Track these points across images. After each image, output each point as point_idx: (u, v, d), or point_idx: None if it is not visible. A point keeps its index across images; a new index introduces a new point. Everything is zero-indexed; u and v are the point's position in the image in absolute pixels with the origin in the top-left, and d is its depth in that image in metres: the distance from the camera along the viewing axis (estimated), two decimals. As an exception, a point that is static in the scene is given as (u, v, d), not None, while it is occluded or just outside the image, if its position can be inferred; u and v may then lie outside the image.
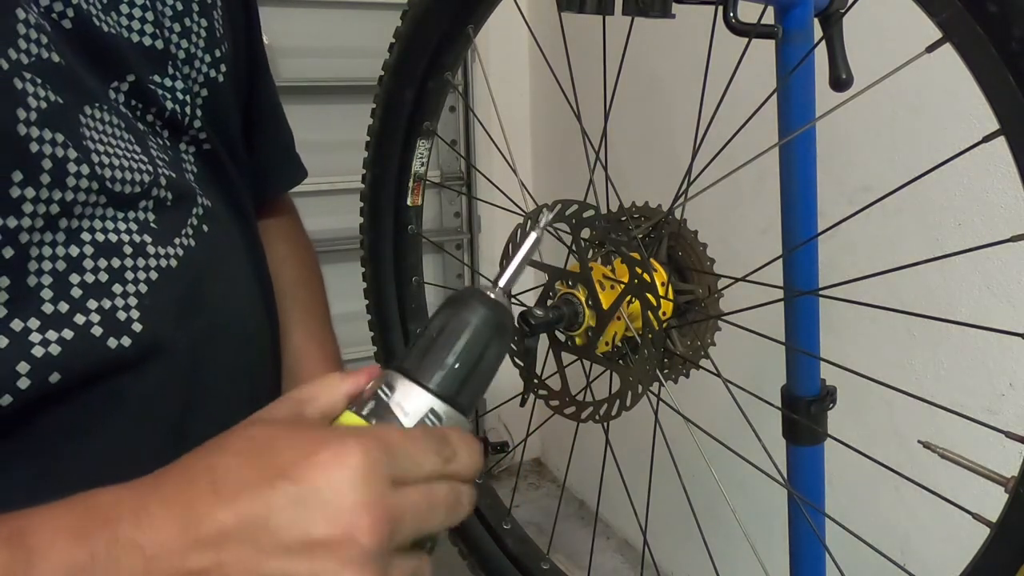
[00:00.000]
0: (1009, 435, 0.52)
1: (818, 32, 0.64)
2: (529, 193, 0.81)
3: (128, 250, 0.53)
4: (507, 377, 0.61)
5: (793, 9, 0.62)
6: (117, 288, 0.52)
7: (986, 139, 0.46)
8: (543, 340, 0.71)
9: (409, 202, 0.89)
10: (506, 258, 0.73)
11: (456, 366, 0.44)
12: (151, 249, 0.55)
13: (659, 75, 1.72)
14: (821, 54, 0.64)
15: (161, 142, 0.59)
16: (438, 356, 0.44)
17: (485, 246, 2.45)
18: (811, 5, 0.62)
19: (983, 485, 0.51)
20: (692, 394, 0.74)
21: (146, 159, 0.55)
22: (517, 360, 0.73)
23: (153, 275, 0.55)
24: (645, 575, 1.98)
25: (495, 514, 0.88)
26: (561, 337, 0.70)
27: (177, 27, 0.61)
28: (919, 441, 0.58)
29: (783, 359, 0.76)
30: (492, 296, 0.47)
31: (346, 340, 0.87)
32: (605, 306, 0.66)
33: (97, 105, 0.53)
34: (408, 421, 0.42)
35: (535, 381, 0.72)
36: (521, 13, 0.81)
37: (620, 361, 0.68)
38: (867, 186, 1.26)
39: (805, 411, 0.74)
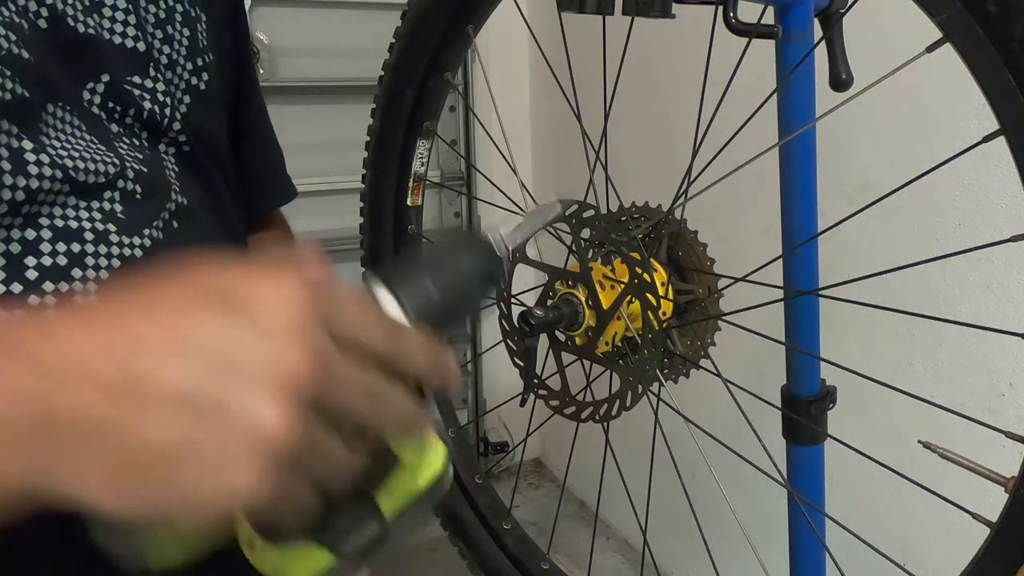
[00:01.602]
0: (1009, 435, 0.52)
1: (818, 32, 0.64)
2: (529, 193, 0.81)
3: (89, 236, 0.54)
4: (507, 377, 0.61)
5: (793, 9, 0.62)
6: (76, 272, 0.53)
7: (986, 139, 0.46)
8: (543, 340, 0.71)
9: (409, 202, 0.89)
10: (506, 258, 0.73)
11: (437, 298, 0.43)
12: (114, 238, 0.56)
13: (659, 75, 1.72)
14: (821, 54, 0.64)
15: (138, 143, 0.60)
16: (423, 283, 0.43)
17: (485, 246, 2.45)
18: (811, 5, 0.62)
19: (983, 485, 0.51)
20: (692, 394, 0.74)
21: (112, 155, 0.56)
22: (517, 360, 0.73)
23: (116, 263, 0.55)
24: (645, 575, 1.98)
25: (495, 514, 0.88)
26: (561, 337, 0.70)
27: (159, 33, 0.62)
28: (919, 441, 0.58)
29: (783, 359, 0.76)
30: (493, 246, 0.47)
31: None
32: (605, 306, 0.66)
33: (60, 104, 0.54)
34: None
35: (535, 381, 0.72)
36: (521, 13, 0.81)
37: (620, 361, 0.68)
38: (867, 186, 1.26)
39: (805, 411, 0.74)
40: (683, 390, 0.71)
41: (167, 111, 0.61)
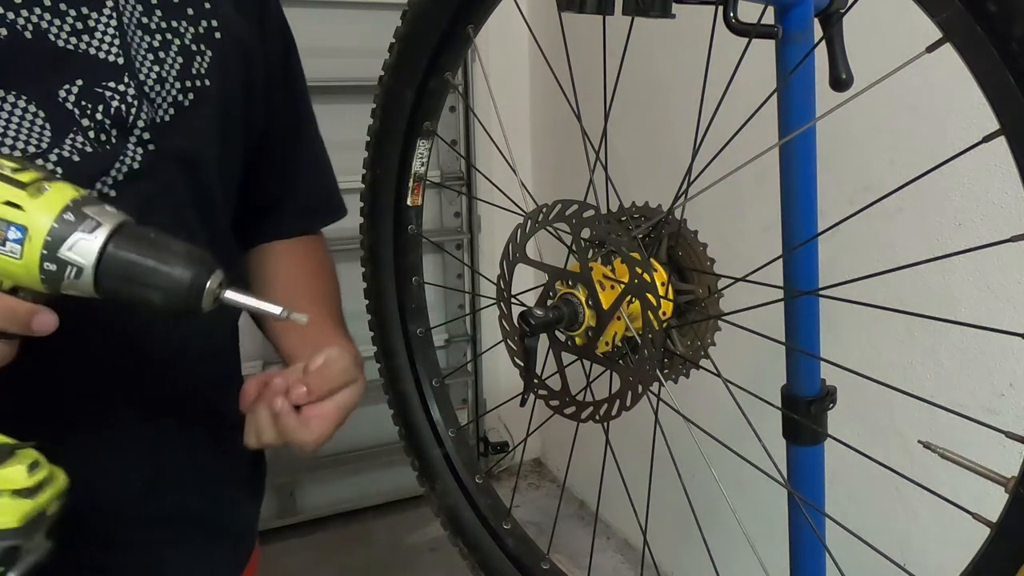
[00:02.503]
0: (1009, 435, 0.52)
1: (818, 32, 0.64)
2: (529, 193, 0.81)
3: None
4: (507, 377, 0.61)
5: (793, 9, 0.62)
6: None
7: (986, 139, 0.46)
8: (543, 340, 0.71)
9: (409, 202, 0.89)
10: (505, 258, 0.73)
11: (134, 267, 0.52)
12: None
13: (659, 75, 1.72)
14: (821, 54, 0.64)
15: (104, 137, 0.72)
16: (139, 252, 0.52)
17: (485, 246, 2.45)
18: (811, 5, 0.62)
19: (983, 485, 0.51)
20: (692, 394, 0.74)
21: (49, 138, 0.69)
22: (517, 360, 0.73)
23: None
24: (645, 575, 1.98)
25: (495, 514, 0.88)
26: (561, 337, 0.70)
27: (151, 56, 0.76)
28: (919, 441, 0.58)
29: (783, 359, 0.76)
30: (210, 287, 0.55)
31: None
32: (605, 306, 0.66)
33: (15, 93, 0.67)
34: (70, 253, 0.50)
35: (535, 381, 0.72)
36: (521, 13, 0.81)
37: (620, 361, 0.68)
38: (867, 186, 1.26)
39: (805, 411, 0.74)
40: (683, 390, 0.71)
41: (133, 110, 0.74)
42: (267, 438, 0.73)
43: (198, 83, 0.80)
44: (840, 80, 0.64)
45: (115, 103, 0.73)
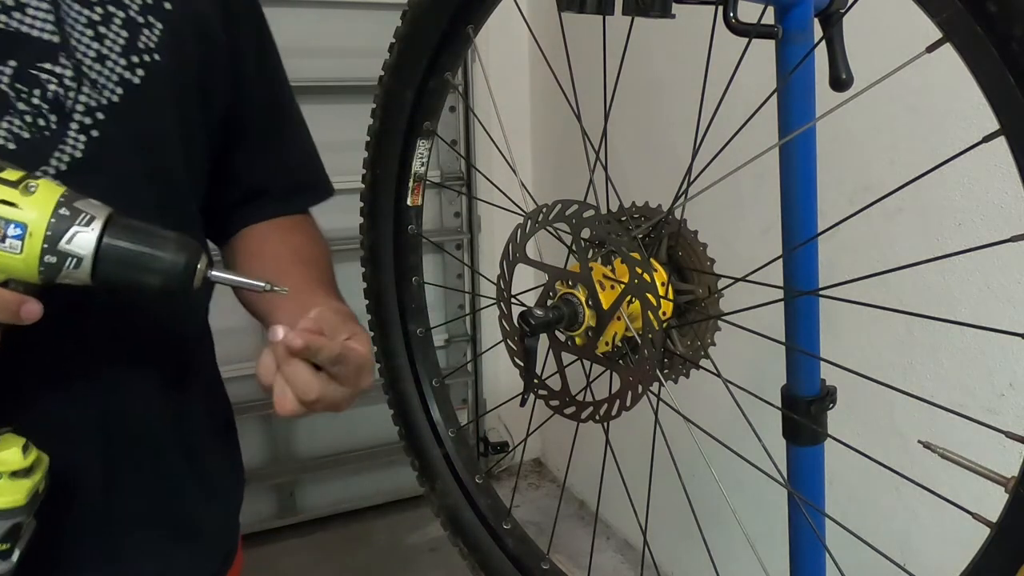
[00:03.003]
0: (1009, 435, 0.52)
1: (818, 32, 0.64)
2: (529, 193, 0.81)
3: None
4: (507, 377, 0.61)
5: (793, 9, 0.62)
6: None
7: (986, 139, 0.46)
8: (543, 340, 0.71)
9: (409, 202, 0.89)
10: (505, 258, 0.73)
11: (132, 255, 0.56)
12: None
13: (659, 75, 1.72)
14: (821, 54, 0.64)
15: (43, 123, 0.69)
16: (133, 242, 0.56)
17: (485, 246, 2.45)
18: (811, 5, 0.62)
19: (983, 485, 0.51)
20: (692, 394, 0.74)
21: None
22: (517, 360, 0.73)
23: None
24: (645, 575, 1.98)
25: (495, 514, 0.88)
26: (561, 337, 0.70)
27: (90, 32, 0.71)
28: (919, 441, 0.58)
29: (783, 359, 0.76)
30: (200, 268, 0.59)
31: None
32: (605, 306, 0.66)
33: None
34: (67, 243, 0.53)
35: (535, 381, 0.72)
36: (521, 13, 0.81)
37: (620, 361, 0.68)
38: (867, 186, 1.26)
39: (805, 411, 0.74)
40: (683, 390, 0.71)
41: (71, 93, 0.70)
42: (288, 398, 0.67)
43: (147, 58, 0.74)
44: (840, 80, 0.64)
45: (52, 86, 0.69)
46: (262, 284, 0.63)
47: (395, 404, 0.93)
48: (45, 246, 0.52)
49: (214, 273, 0.61)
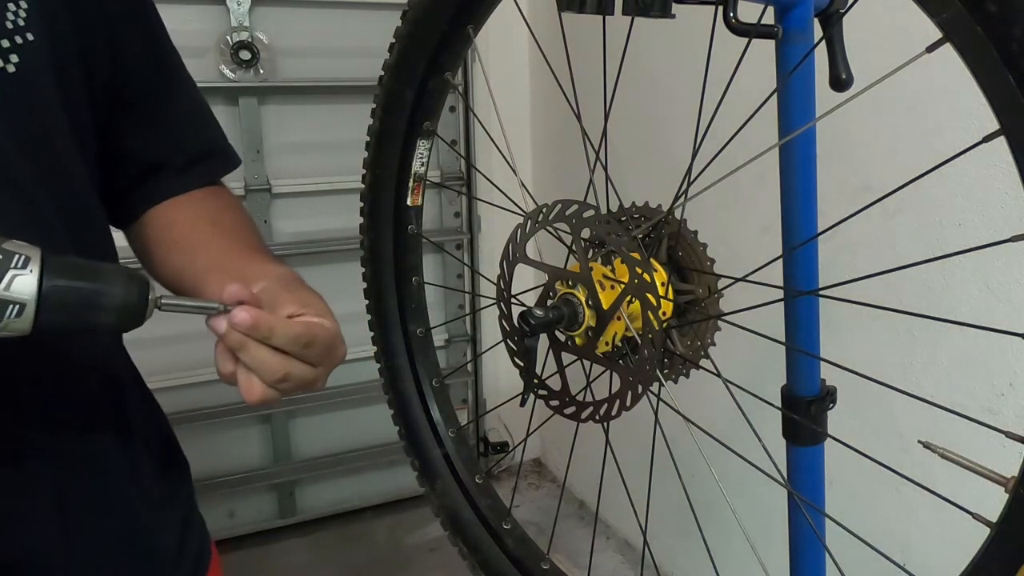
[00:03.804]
0: (1009, 435, 0.52)
1: (818, 32, 0.64)
2: (529, 193, 0.81)
3: None
4: (507, 377, 0.61)
5: (793, 9, 0.62)
6: None
7: (986, 139, 0.46)
8: (543, 340, 0.71)
9: (409, 202, 0.89)
10: (505, 258, 0.73)
11: (79, 295, 0.51)
12: None
13: (659, 75, 1.72)
14: (821, 54, 0.64)
15: None
16: (76, 279, 0.51)
17: (485, 246, 2.45)
18: (811, 5, 0.62)
19: (983, 485, 0.51)
20: (692, 394, 0.74)
21: None
22: (517, 360, 0.73)
23: None
24: (645, 575, 1.98)
25: (495, 514, 0.88)
26: (561, 337, 0.70)
27: None
28: (919, 441, 0.58)
29: (783, 359, 0.76)
30: (151, 298, 0.55)
31: (347, 340, 0.87)
32: (605, 306, 0.66)
33: None
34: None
35: (535, 381, 0.72)
36: (521, 13, 0.81)
37: (620, 361, 0.68)
38: (867, 186, 1.26)
39: (805, 411, 0.74)
40: (683, 390, 0.71)
41: None
42: (255, 383, 0.61)
43: (18, 39, 0.65)
44: (840, 80, 0.64)
45: None
46: (216, 305, 0.58)
47: (395, 404, 0.93)
48: None
49: (166, 302, 0.57)
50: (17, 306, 0.48)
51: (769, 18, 0.63)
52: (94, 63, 0.72)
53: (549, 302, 0.69)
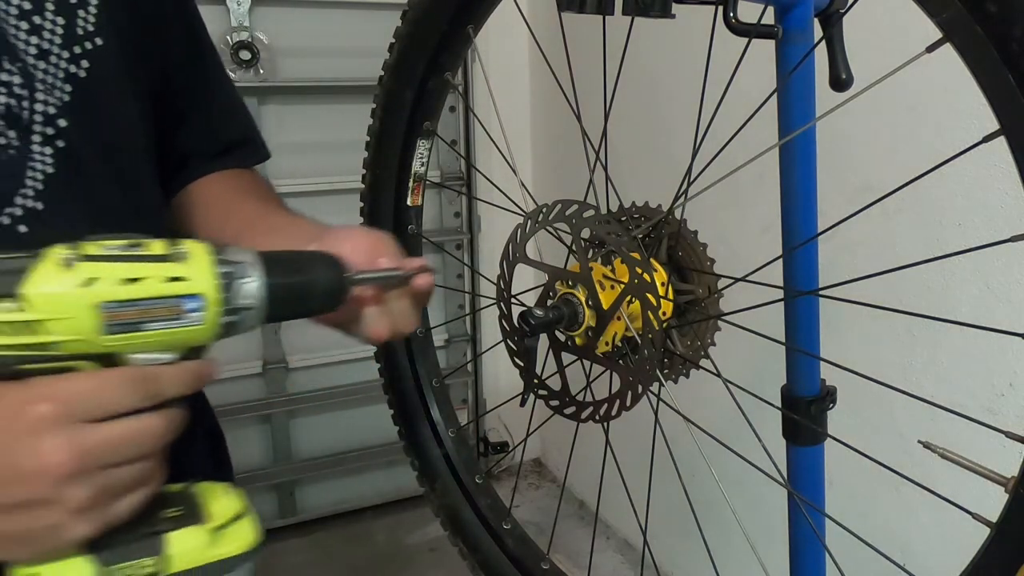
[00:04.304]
0: (1009, 435, 0.52)
1: (818, 32, 0.64)
2: (529, 193, 0.81)
3: None
4: (507, 377, 0.61)
5: (793, 9, 0.62)
6: None
7: (986, 139, 0.46)
8: (543, 340, 0.71)
9: (409, 202, 0.89)
10: (505, 258, 0.73)
11: (294, 288, 0.55)
12: None
13: (659, 75, 1.72)
14: (821, 54, 0.64)
15: (4, 141, 0.61)
16: (290, 275, 0.55)
17: (485, 246, 2.45)
18: (811, 5, 0.62)
19: (983, 485, 0.51)
20: (692, 394, 0.74)
21: None
22: (517, 360, 0.73)
23: None
24: (645, 575, 1.98)
25: (495, 514, 0.88)
26: (561, 337, 0.70)
27: (24, 24, 0.62)
28: (919, 441, 0.58)
29: (783, 359, 0.76)
30: (344, 278, 0.58)
31: (347, 340, 0.87)
32: (605, 306, 0.66)
33: None
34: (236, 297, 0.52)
35: (535, 381, 0.72)
36: (521, 13, 0.81)
37: (620, 361, 0.68)
38: (867, 186, 1.26)
39: (805, 411, 0.74)
40: (683, 390, 0.71)
41: (25, 103, 0.61)
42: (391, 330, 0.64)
43: (88, 45, 0.66)
44: (840, 80, 0.64)
45: (1, 98, 0.60)
46: (398, 272, 0.60)
47: (395, 404, 0.93)
48: (224, 308, 0.51)
49: (359, 276, 0.59)
50: (250, 310, 0.52)
51: (769, 18, 0.63)
52: (150, 61, 0.73)
53: (549, 302, 0.69)
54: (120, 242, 0.49)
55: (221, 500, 0.55)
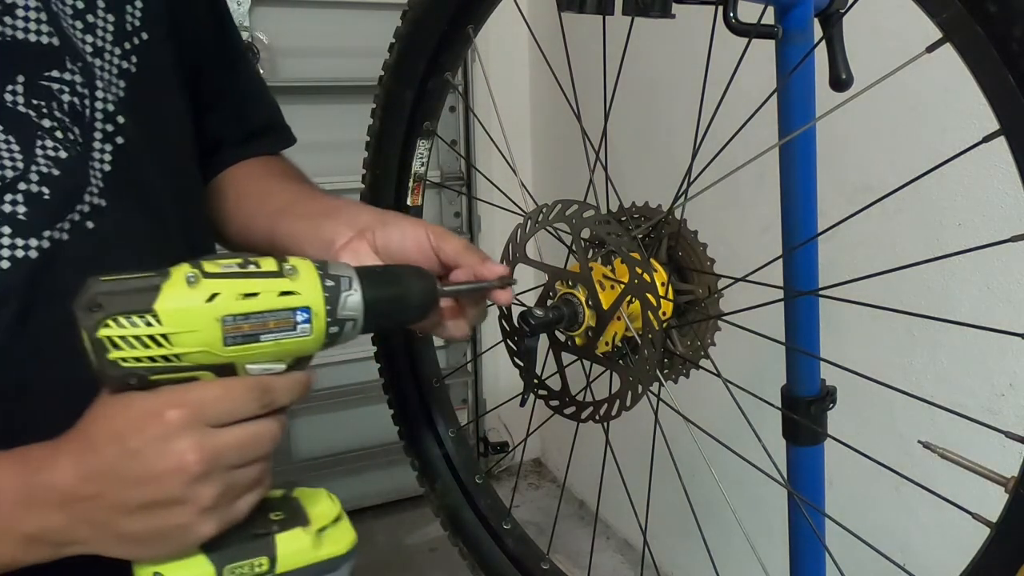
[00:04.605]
0: (1009, 435, 0.52)
1: (818, 32, 0.64)
2: (529, 193, 0.81)
3: None
4: (507, 377, 0.62)
5: (793, 9, 0.62)
6: None
7: (986, 139, 0.46)
8: (543, 340, 0.71)
9: (409, 202, 0.89)
10: (505, 258, 0.73)
11: (391, 300, 0.58)
12: (7, 240, 0.59)
13: (659, 75, 1.72)
14: (821, 54, 0.64)
15: (72, 137, 0.62)
16: (386, 288, 0.57)
17: (485, 246, 2.45)
18: (811, 5, 0.62)
19: (983, 486, 0.51)
20: (691, 394, 0.74)
21: (22, 156, 0.59)
22: (517, 360, 0.73)
23: (5, 264, 0.59)
24: (645, 575, 1.98)
25: (495, 514, 0.88)
26: (561, 337, 0.70)
27: (80, 24, 0.64)
28: (919, 441, 0.58)
29: (783, 360, 0.76)
30: (435, 290, 0.61)
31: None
32: (605, 306, 0.66)
33: None
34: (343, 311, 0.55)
35: (535, 381, 0.72)
36: (521, 13, 0.81)
37: (620, 361, 0.68)
38: (867, 186, 1.26)
39: (805, 411, 0.74)
40: (682, 390, 0.71)
41: (87, 101, 0.63)
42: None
43: (136, 40, 0.67)
44: (840, 80, 0.64)
45: (65, 96, 0.62)
46: (485, 284, 0.63)
47: (395, 404, 0.93)
48: (329, 320, 0.54)
49: (448, 289, 0.62)
50: (352, 322, 0.55)
51: (769, 18, 0.63)
52: (186, 50, 0.75)
53: (549, 302, 0.69)
54: (233, 260, 0.53)
55: (320, 503, 0.57)
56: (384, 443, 2.39)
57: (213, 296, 0.50)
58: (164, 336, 0.49)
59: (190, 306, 0.49)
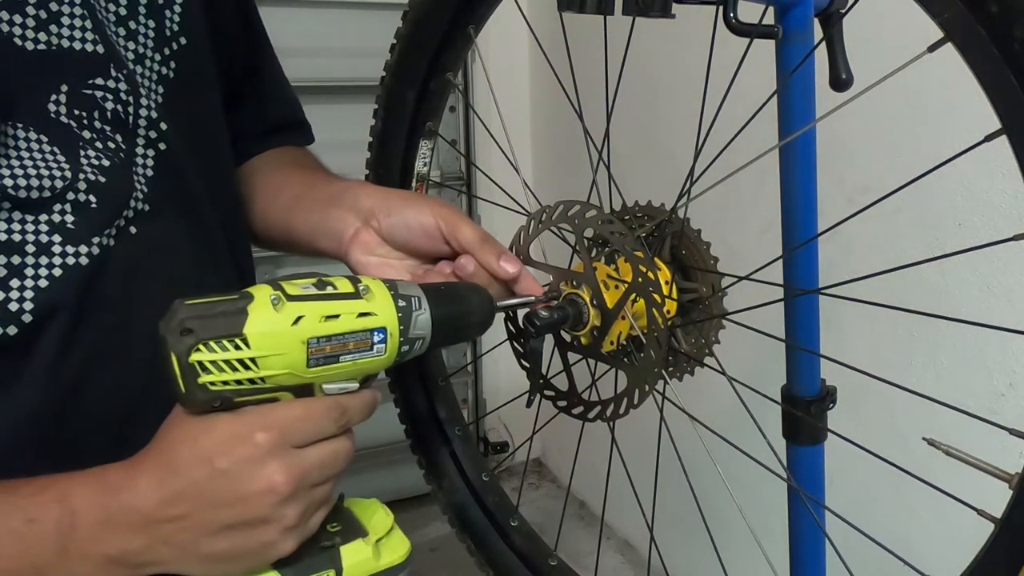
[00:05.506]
0: (1013, 432, 0.52)
1: (818, 32, 0.64)
2: (532, 193, 0.81)
3: (31, 248, 0.58)
4: (507, 377, 0.62)
5: (793, 9, 0.62)
6: (15, 283, 0.57)
7: (987, 139, 0.46)
8: (548, 340, 0.71)
9: (412, 202, 0.89)
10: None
11: (455, 319, 0.59)
12: (58, 248, 0.59)
13: (660, 75, 1.72)
14: (821, 54, 0.64)
15: (113, 146, 0.62)
16: (451, 307, 0.59)
17: (485, 246, 2.45)
18: (811, 5, 0.63)
19: (986, 483, 0.51)
20: (692, 393, 0.74)
21: (68, 165, 0.59)
22: (523, 362, 0.73)
23: (57, 272, 0.59)
24: (649, 574, 1.99)
25: (502, 511, 0.88)
26: (566, 337, 0.70)
27: (122, 31, 0.64)
28: (924, 438, 0.58)
29: (783, 360, 0.76)
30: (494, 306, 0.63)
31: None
32: (610, 305, 0.66)
33: (16, 123, 0.57)
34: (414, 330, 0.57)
35: (541, 381, 0.72)
36: (522, 13, 0.81)
37: (625, 360, 0.68)
38: (867, 186, 1.27)
39: (805, 411, 0.74)
40: (682, 389, 0.71)
41: (130, 108, 0.64)
42: None
43: (175, 45, 0.68)
44: (840, 80, 0.64)
45: (108, 104, 0.62)
46: (534, 298, 0.66)
47: (401, 403, 0.93)
48: (401, 339, 0.55)
49: (503, 304, 0.64)
50: (420, 341, 0.57)
51: (769, 18, 0.63)
52: (218, 51, 0.75)
53: (554, 302, 0.69)
54: (310, 280, 0.54)
55: (376, 514, 0.59)
56: (385, 443, 2.39)
57: (298, 319, 0.51)
58: (252, 360, 0.50)
59: (278, 330, 0.50)
